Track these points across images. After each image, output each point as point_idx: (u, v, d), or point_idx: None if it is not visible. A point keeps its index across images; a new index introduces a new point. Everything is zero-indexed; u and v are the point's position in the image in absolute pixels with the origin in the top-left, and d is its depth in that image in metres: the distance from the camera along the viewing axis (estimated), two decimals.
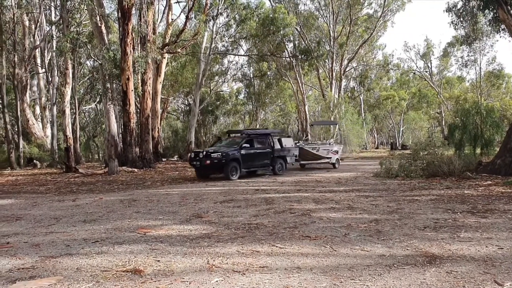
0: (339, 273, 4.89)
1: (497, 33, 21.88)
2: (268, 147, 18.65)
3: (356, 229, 7.07)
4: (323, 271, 4.97)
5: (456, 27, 26.60)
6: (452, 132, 20.30)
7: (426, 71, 60.87)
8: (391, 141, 65.50)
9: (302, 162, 21.72)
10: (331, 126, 33.44)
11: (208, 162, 16.48)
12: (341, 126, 38.03)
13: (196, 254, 5.75)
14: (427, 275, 4.77)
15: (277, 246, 6.09)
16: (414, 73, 61.81)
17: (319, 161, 22.01)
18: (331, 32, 43.11)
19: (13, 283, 4.74)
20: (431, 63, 60.14)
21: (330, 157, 21.95)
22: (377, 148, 58.27)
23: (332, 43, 43.03)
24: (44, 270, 5.23)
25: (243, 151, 17.40)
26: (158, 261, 5.49)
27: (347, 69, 48.88)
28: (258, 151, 18.14)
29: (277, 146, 19.13)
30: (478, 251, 5.68)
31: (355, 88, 59.57)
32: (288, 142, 19.89)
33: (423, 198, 10.26)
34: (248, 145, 17.77)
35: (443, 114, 59.60)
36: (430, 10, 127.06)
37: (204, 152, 16.87)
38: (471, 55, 46.16)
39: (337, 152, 22.56)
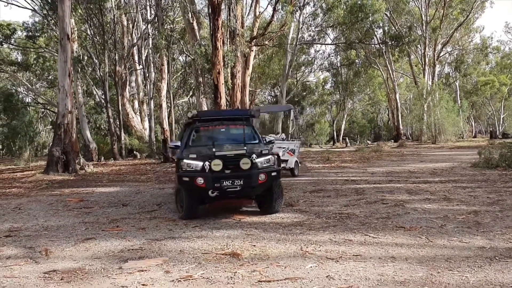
0: (436, 263, 4.80)
1: None
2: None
3: (453, 221, 6.83)
4: (419, 261, 4.91)
5: None
6: None
7: None
8: (491, 129, 61.22)
9: None
10: (291, 114, 19.72)
11: (264, 178, 7.56)
12: (435, 114, 36.24)
13: (290, 241, 5.94)
14: None
15: (370, 236, 6.09)
16: None
17: None
18: (423, 16, 41.16)
19: (126, 262, 5.24)
20: None
21: (287, 160, 14.20)
22: (475, 137, 54.69)
23: (424, 27, 41.08)
24: (151, 251, 5.71)
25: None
26: (254, 246, 5.75)
27: (441, 54, 46.43)
28: None
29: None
30: None
31: (450, 74, 56.36)
32: None
33: None
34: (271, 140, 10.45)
35: None
36: None
37: (254, 156, 7.59)
38: None
39: (293, 151, 14.87)
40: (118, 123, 29.25)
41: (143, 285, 4.42)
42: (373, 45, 40.72)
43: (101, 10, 27.39)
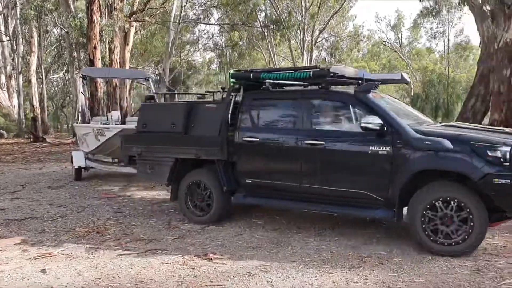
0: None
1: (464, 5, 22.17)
2: None
3: None
4: None
5: None
6: (415, 102, 21.00)
7: (396, 43, 61.44)
8: None
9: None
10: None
11: None
12: None
13: (157, 216, 6.09)
14: None
15: None
16: (385, 44, 62.30)
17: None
18: (302, 2, 43.01)
19: None
20: (401, 35, 60.59)
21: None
22: None
23: (303, 13, 42.94)
24: (9, 231, 5.50)
25: None
26: (121, 223, 5.81)
27: (318, 40, 48.94)
28: None
29: None
30: None
31: (326, 59, 59.88)
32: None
33: None
34: None
35: (412, 85, 60.71)
36: None
37: None
38: (440, 27, 46.76)
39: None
40: None
41: None
42: (256, 28, 41.66)
43: None
